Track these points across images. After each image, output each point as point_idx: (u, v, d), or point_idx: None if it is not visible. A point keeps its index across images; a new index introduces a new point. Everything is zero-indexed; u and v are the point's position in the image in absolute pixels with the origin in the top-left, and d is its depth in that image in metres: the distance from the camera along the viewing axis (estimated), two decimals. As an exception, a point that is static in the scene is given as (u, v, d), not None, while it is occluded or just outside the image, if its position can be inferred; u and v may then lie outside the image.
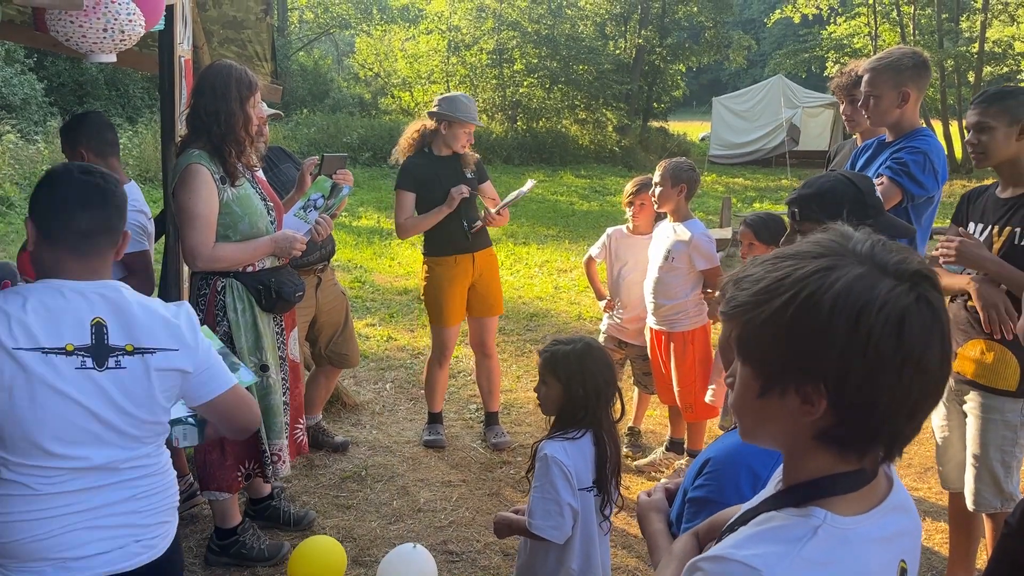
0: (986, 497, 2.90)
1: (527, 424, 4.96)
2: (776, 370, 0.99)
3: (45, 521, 1.74)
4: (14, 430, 1.71)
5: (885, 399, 0.95)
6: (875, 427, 0.98)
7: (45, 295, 1.76)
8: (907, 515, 1.08)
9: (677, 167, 4.06)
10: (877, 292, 0.93)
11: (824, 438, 1.00)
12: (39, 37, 3.94)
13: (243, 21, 4.46)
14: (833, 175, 2.42)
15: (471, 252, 4.41)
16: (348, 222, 11.99)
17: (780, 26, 36.92)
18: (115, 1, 2.31)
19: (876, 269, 0.95)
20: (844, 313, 0.92)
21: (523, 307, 7.73)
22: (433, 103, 4.41)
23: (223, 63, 3.16)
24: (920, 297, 0.94)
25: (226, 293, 3.12)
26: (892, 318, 0.92)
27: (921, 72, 3.11)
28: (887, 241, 0.99)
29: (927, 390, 0.96)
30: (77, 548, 1.76)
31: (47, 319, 1.74)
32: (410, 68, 25.27)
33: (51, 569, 1.74)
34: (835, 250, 0.97)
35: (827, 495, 1.00)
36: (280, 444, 3.29)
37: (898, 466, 4.40)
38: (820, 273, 0.95)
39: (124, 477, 1.84)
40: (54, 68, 17.83)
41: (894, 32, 24.87)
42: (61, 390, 1.72)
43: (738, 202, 14.99)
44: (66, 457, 1.75)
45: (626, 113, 25.12)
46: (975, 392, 2.90)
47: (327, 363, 4.41)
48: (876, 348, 0.92)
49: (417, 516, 3.86)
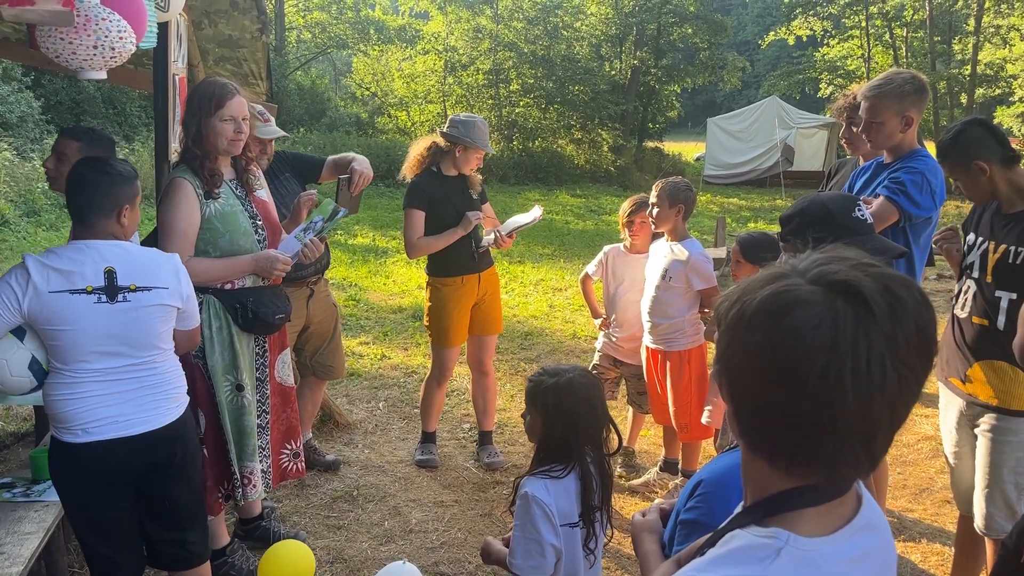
0: (998, 521, 2.84)
1: (521, 444, 4.92)
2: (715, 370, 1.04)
3: (77, 400, 2.47)
4: (57, 348, 2.45)
5: (763, 392, 0.95)
6: (763, 425, 0.97)
7: (71, 251, 2.47)
8: (876, 534, 1.05)
9: (675, 188, 4.06)
10: (776, 286, 0.95)
11: (741, 438, 1.01)
12: (34, 54, 3.94)
13: (239, 40, 4.46)
14: (810, 196, 2.43)
15: (478, 272, 4.41)
16: (343, 240, 11.99)
17: (774, 48, 37.24)
18: (106, 18, 2.31)
19: (798, 273, 0.96)
20: (739, 302, 0.97)
21: (518, 326, 7.71)
22: (447, 123, 4.40)
23: (205, 79, 3.20)
24: (827, 302, 0.91)
25: (203, 309, 3.07)
26: (774, 308, 0.93)
27: (922, 96, 3.13)
28: (835, 258, 0.97)
29: (824, 397, 0.90)
30: (95, 419, 2.48)
31: (72, 268, 2.43)
32: (407, 88, 25.39)
33: (80, 432, 2.48)
34: (782, 265, 1.00)
35: (784, 511, 0.98)
36: (251, 467, 3.22)
37: (893, 486, 4.38)
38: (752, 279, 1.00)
39: (131, 375, 2.53)
40: (51, 86, 17.88)
41: (887, 54, 25.12)
42: (84, 320, 2.42)
43: (733, 222, 15.03)
44: (91, 364, 2.47)
45: (621, 133, 25.25)
46: (989, 414, 2.86)
47: (311, 374, 4.38)
48: (751, 336, 0.95)
49: (409, 537, 3.82)
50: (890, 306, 0.91)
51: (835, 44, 27.06)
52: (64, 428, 2.49)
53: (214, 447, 3.18)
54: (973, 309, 2.87)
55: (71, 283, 2.41)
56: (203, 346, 3.07)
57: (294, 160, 4.22)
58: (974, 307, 2.87)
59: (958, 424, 3.02)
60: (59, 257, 2.44)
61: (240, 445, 3.19)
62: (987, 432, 2.86)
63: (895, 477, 4.53)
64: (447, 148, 4.34)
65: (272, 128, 3.94)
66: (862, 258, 0.98)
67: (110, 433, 2.49)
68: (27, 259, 2.44)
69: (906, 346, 0.91)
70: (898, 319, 0.91)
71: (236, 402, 3.17)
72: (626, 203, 4.42)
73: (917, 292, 0.94)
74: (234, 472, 3.19)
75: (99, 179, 2.53)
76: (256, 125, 3.80)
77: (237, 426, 3.18)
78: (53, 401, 2.49)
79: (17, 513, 2.94)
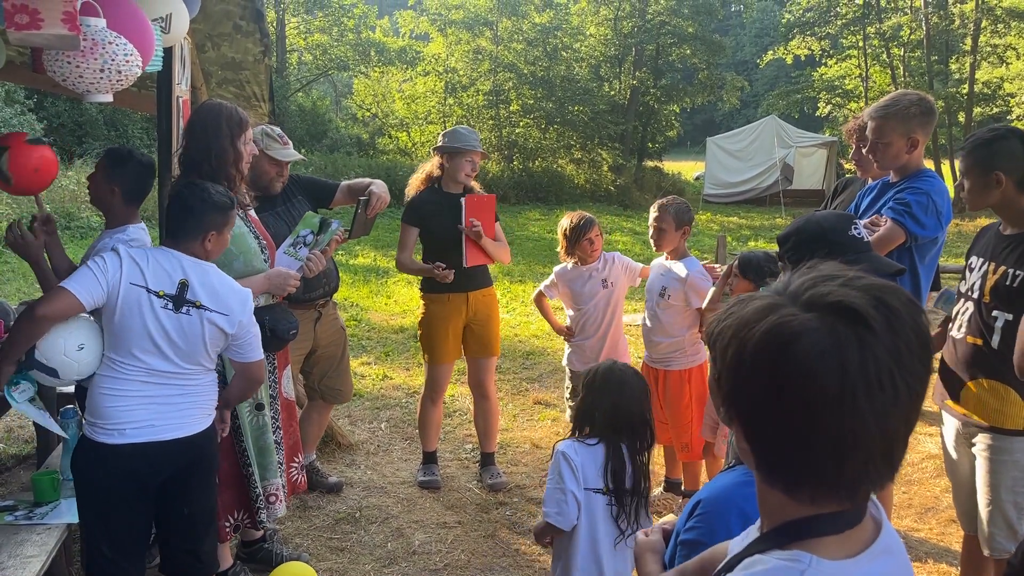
0: (1000, 541, 2.83)
1: (523, 464, 4.91)
2: (715, 391, 1.04)
3: (120, 397, 2.59)
4: (116, 336, 2.59)
5: (778, 428, 0.94)
6: (782, 459, 0.97)
7: (159, 254, 2.68)
8: (895, 558, 1.05)
9: (680, 210, 4.09)
10: (772, 319, 0.93)
11: (759, 472, 1.00)
12: (38, 78, 3.97)
13: (241, 62, 4.50)
14: (806, 216, 2.45)
15: (465, 291, 4.39)
16: (345, 260, 12.00)
17: (772, 67, 37.47)
18: (112, 42, 2.33)
19: (789, 299, 0.96)
20: (736, 338, 0.96)
21: (519, 345, 7.70)
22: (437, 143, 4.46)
23: (213, 102, 3.20)
24: (827, 327, 0.91)
25: None
26: (776, 343, 0.92)
27: (929, 119, 3.14)
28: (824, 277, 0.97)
29: (839, 423, 0.90)
30: (133, 420, 2.58)
31: (156, 270, 2.62)
32: (407, 109, 25.53)
33: (116, 433, 2.57)
34: (769, 290, 1.00)
35: (809, 536, 0.98)
36: (276, 483, 3.25)
37: (898, 506, 4.35)
38: (740, 306, 1.00)
39: (173, 382, 2.65)
40: (53, 109, 17.97)
41: (885, 74, 25.25)
42: (148, 317, 2.58)
43: (733, 240, 15.04)
44: (141, 360, 2.60)
45: (621, 153, 25.34)
46: (983, 434, 2.84)
47: (319, 397, 4.38)
48: (758, 375, 0.93)
49: (412, 559, 3.80)
50: (886, 319, 0.91)
51: (833, 64, 27.20)
52: (101, 427, 2.58)
53: (227, 472, 3.17)
54: (968, 329, 2.86)
55: (148, 282, 2.60)
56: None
57: (308, 184, 4.24)
58: (969, 327, 2.86)
59: (956, 443, 3.02)
60: (147, 257, 2.65)
61: (263, 465, 3.20)
62: (983, 452, 2.85)
63: (900, 496, 4.51)
64: (440, 163, 4.38)
65: (290, 151, 3.96)
66: (845, 272, 0.98)
67: (144, 436, 2.60)
68: (121, 249, 2.64)
69: (909, 355, 0.92)
70: (896, 330, 0.91)
71: (257, 422, 3.18)
72: (572, 222, 4.37)
73: (905, 296, 0.95)
74: (257, 494, 3.18)
75: (195, 204, 2.71)
76: (274, 147, 3.83)
77: (258, 446, 3.18)
78: (99, 393, 2.60)
79: (20, 536, 2.93)
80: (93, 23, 2.33)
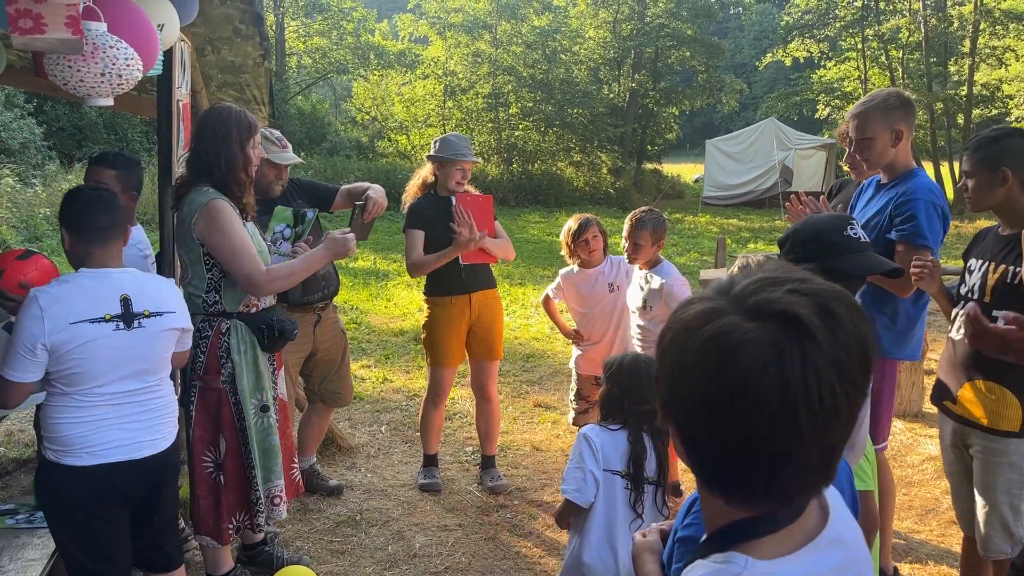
0: (996, 542, 2.83)
1: (524, 467, 4.91)
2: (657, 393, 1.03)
3: (84, 424, 2.48)
4: (72, 374, 2.44)
5: (716, 439, 0.92)
6: (720, 469, 0.95)
7: (84, 279, 2.48)
8: (846, 548, 1.02)
9: (657, 223, 4.08)
10: (712, 327, 0.91)
11: (696, 477, 1.00)
12: (39, 82, 3.98)
13: (241, 66, 4.50)
14: (805, 217, 2.46)
15: (467, 293, 4.39)
16: (344, 264, 12.00)
17: (771, 70, 37.53)
18: (113, 46, 2.33)
19: (732, 305, 0.93)
20: (674, 344, 0.95)
21: (519, 348, 7.70)
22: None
23: (223, 106, 3.19)
24: (769, 337, 0.88)
25: (230, 335, 3.10)
26: (717, 355, 0.90)
27: (909, 110, 3.17)
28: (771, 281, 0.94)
29: (779, 436, 0.89)
30: (102, 442, 2.50)
31: (89, 297, 2.45)
32: (407, 112, 25.56)
33: (85, 455, 2.48)
34: (713, 292, 0.97)
35: (746, 539, 0.97)
36: (280, 485, 3.26)
37: (899, 507, 4.35)
38: (683, 309, 0.98)
39: (137, 399, 2.57)
40: (53, 112, 17.99)
41: (883, 76, 25.26)
42: (102, 348, 2.45)
43: (733, 243, 15.05)
44: (102, 388, 2.49)
45: (620, 155, 25.39)
46: (978, 435, 2.85)
47: (319, 400, 4.38)
48: (696, 385, 0.92)
49: (412, 561, 3.80)
50: (830, 329, 0.89)
51: (832, 66, 27.24)
52: (65, 451, 2.48)
53: (232, 474, 3.17)
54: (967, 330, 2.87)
55: (87, 312, 2.44)
56: (232, 371, 3.08)
57: (308, 187, 4.25)
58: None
59: (953, 444, 3.02)
60: (74, 286, 2.47)
61: (267, 467, 3.20)
62: (978, 453, 2.86)
63: (900, 498, 4.51)
64: (433, 170, 4.42)
65: (289, 155, 3.96)
66: (792, 274, 0.95)
67: (118, 456, 2.53)
68: (38, 297, 2.41)
69: (850, 365, 0.90)
70: (839, 340, 0.89)
71: (262, 424, 3.19)
72: (571, 225, 4.38)
73: (849, 302, 0.93)
74: (258, 497, 3.18)
75: (112, 201, 2.62)
76: (273, 150, 3.83)
77: (263, 447, 3.18)
78: (57, 424, 2.48)
79: (21, 539, 2.93)
80: (94, 27, 2.34)
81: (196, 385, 3.11)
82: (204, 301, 3.10)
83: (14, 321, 2.45)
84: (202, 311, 3.11)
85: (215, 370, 3.08)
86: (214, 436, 3.13)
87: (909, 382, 5.87)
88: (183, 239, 3.10)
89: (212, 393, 3.10)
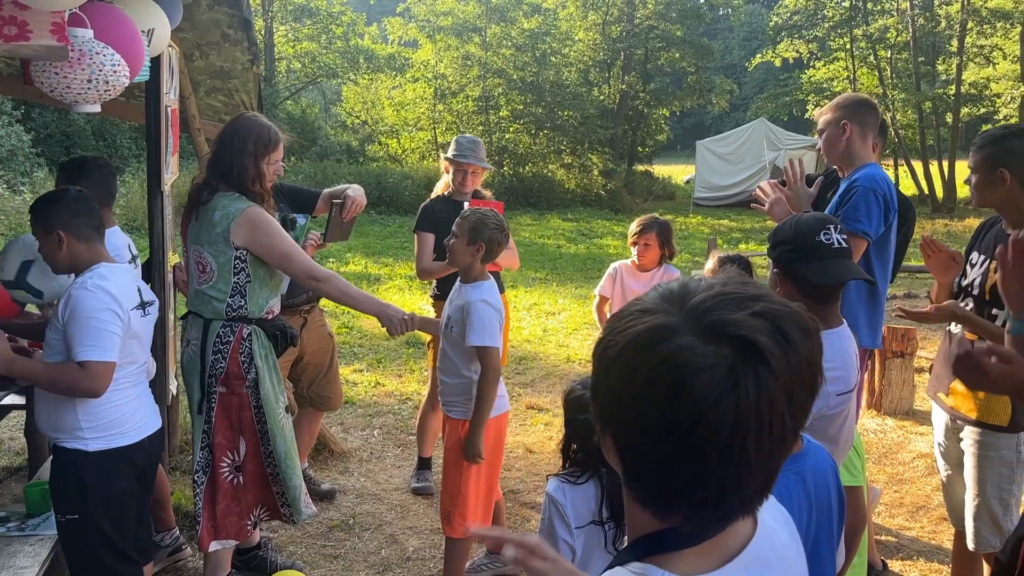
0: (985, 536, 2.86)
1: (516, 470, 4.91)
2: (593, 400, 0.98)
3: (127, 404, 2.71)
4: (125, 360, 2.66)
5: (660, 463, 0.89)
6: (660, 490, 0.91)
7: (114, 272, 2.67)
8: (768, 569, 0.99)
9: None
10: (666, 348, 0.86)
11: (628, 491, 0.96)
12: (27, 89, 3.97)
13: (230, 71, 4.50)
14: (792, 216, 2.48)
15: None
16: (336, 268, 11.99)
17: (761, 70, 37.62)
18: (100, 52, 2.34)
19: (687, 321, 0.88)
20: (623, 359, 0.89)
21: (512, 350, 7.71)
22: None
23: (248, 117, 3.22)
24: (726, 363, 0.85)
25: (252, 340, 3.11)
26: (669, 380, 0.85)
27: (860, 108, 3.31)
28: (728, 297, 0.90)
29: (728, 463, 0.86)
30: (139, 418, 2.76)
31: (125, 286, 2.67)
32: (397, 116, 25.53)
33: (133, 432, 2.72)
34: (665, 302, 0.92)
35: (661, 551, 0.94)
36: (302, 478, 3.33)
37: (890, 504, 4.38)
38: (634, 320, 0.91)
39: (143, 377, 2.85)
40: (41, 119, 17.92)
41: (872, 75, 25.37)
42: (142, 330, 2.76)
43: (724, 243, 15.10)
44: (130, 367, 2.72)
45: (611, 157, 25.40)
46: (970, 428, 2.88)
47: (309, 405, 4.38)
48: (645, 408, 0.87)
49: (406, 565, 3.80)
50: (785, 354, 0.86)
51: (821, 66, 27.34)
52: (117, 433, 2.67)
53: (252, 473, 3.20)
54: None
55: (131, 301, 2.68)
56: (255, 376, 3.10)
57: (290, 192, 4.24)
58: None
59: (946, 438, 3.06)
60: (113, 279, 2.64)
61: (292, 465, 3.24)
62: (970, 447, 2.89)
63: (891, 496, 4.53)
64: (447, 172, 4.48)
65: None
66: (746, 289, 0.91)
67: (150, 429, 2.81)
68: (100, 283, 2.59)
69: (800, 390, 0.88)
70: (792, 364, 0.87)
71: (289, 424, 3.25)
72: (634, 224, 4.45)
73: (801, 322, 0.90)
74: (282, 491, 3.24)
75: (88, 204, 2.74)
76: None
77: (287, 448, 3.22)
78: (105, 409, 2.65)
79: (12, 547, 2.92)
80: (80, 34, 2.34)
81: (216, 392, 3.11)
82: (228, 305, 3.11)
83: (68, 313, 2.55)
84: (223, 316, 3.11)
85: (238, 376, 3.10)
86: (234, 441, 3.16)
87: (900, 380, 5.91)
88: (212, 242, 3.08)
89: (234, 398, 3.12)
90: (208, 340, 3.11)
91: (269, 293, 3.20)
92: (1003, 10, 22.86)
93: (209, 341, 3.11)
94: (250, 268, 3.11)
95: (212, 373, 3.10)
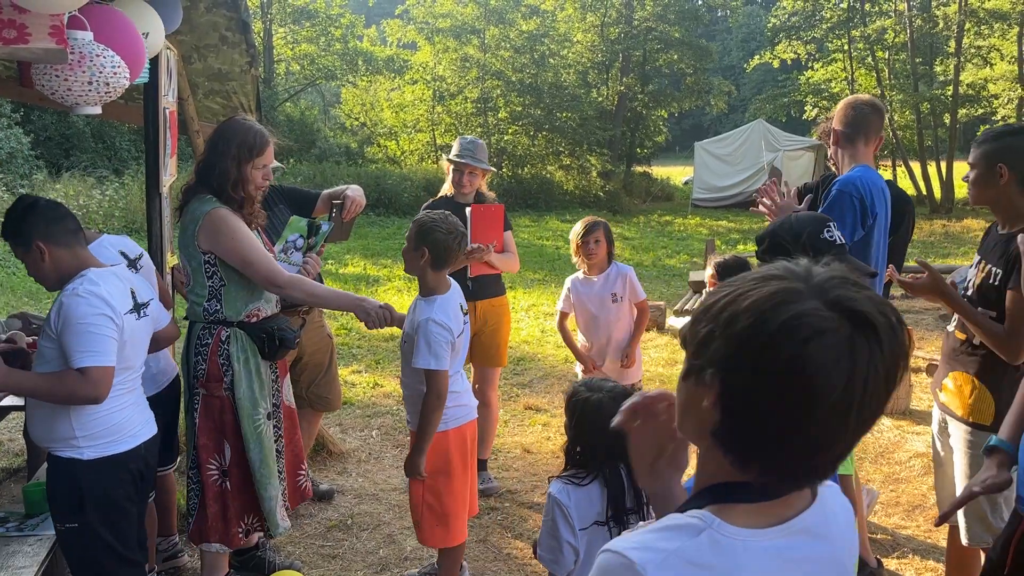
0: (976, 532, 2.89)
1: (514, 470, 4.93)
2: (694, 350, 1.03)
3: (124, 410, 2.68)
4: (121, 366, 2.60)
5: (765, 410, 0.95)
6: (753, 438, 0.98)
7: (110, 276, 2.63)
8: (818, 541, 1.05)
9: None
10: (797, 308, 0.94)
11: (715, 436, 1.01)
12: (24, 91, 3.99)
13: (228, 73, 4.52)
14: (783, 218, 2.50)
15: (473, 300, 4.39)
16: (335, 269, 12.01)
17: (759, 72, 37.63)
18: (100, 55, 2.35)
19: (813, 291, 0.96)
20: (754, 312, 0.96)
21: (510, 352, 7.69)
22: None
23: (236, 121, 3.18)
24: (846, 332, 0.93)
25: (230, 343, 3.09)
26: (798, 334, 0.93)
27: (853, 112, 3.35)
28: (848, 280, 0.99)
29: (826, 424, 0.94)
30: (134, 424, 2.73)
31: (118, 291, 2.62)
32: (396, 117, 25.55)
33: (129, 438, 2.68)
34: (790, 273, 1.00)
35: (721, 501, 1.01)
36: (277, 498, 3.24)
37: (886, 503, 4.39)
38: (760, 283, 0.99)
39: (138, 382, 2.81)
40: (40, 122, 17.93)
41: (870, 76, 25.39)
42: (129, 332, 2.63)
43: (722, 244, 15.11)
44: (129, 373, 2.69)
45: (610, 159, 25.41)
46: (959, 426, 2.91)
47: (307, 405, 4.38)
48: (768, 356, 0.94)
49: (404, 564, 3.81)
50: (891, 339, 0.95)
51: (819, 67, 27.35)
52: (112, 440, 2.64)
53: (239, 479, 3.17)
54: (957, 323, 2.96)
55: (124, 305, 2.63)
56: (231, 379, 3.08)
57: (290, 193, 4.25)
58: (958, 322, 2.94)
59: (939, 433, 3.11)
60: (103, 284, 2.58)
61: (268, 473, 3.19)
62: (959, 445, 2.93)
63: (888, 494, 4.55)
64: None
65: None
66: (852, 276, 1.00)
67: (145, 435, 2.77)
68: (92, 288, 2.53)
69: (895, 375, 0.97)
70: (894, 350, 0.96)
71: (269, 432, 3.19)
72: (579, 226, 4.40)
73: (900, 316, 0.99)
74: (270, 507, 3.18)
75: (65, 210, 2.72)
76: None
77: (264, 454, 3.17)
78: (100, 417, 2.61)
79: (11, 547, 2.93)
80: (80, 36, 2.35)
81: (199, 393, 3.12)
82: (205, 309, 3.10)
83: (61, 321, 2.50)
84: (202, 319, 3.11)
85: (217, 378, 3.09)
86: (219, 443, 3.14)
87: (896, 380, 5.92)
88: (185, 247, 3.09)
89: (215, 400, 3.10)
90: (191, 342, 3.14)
91: (248, 296, 3.13)
92: (1000, 11, 22.88)
93: (191, 343, 3.13)
94: (222, 272, 3.07)
95: (195, 375, 3.10)
